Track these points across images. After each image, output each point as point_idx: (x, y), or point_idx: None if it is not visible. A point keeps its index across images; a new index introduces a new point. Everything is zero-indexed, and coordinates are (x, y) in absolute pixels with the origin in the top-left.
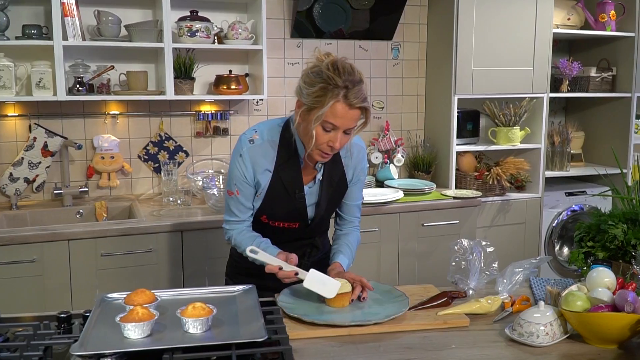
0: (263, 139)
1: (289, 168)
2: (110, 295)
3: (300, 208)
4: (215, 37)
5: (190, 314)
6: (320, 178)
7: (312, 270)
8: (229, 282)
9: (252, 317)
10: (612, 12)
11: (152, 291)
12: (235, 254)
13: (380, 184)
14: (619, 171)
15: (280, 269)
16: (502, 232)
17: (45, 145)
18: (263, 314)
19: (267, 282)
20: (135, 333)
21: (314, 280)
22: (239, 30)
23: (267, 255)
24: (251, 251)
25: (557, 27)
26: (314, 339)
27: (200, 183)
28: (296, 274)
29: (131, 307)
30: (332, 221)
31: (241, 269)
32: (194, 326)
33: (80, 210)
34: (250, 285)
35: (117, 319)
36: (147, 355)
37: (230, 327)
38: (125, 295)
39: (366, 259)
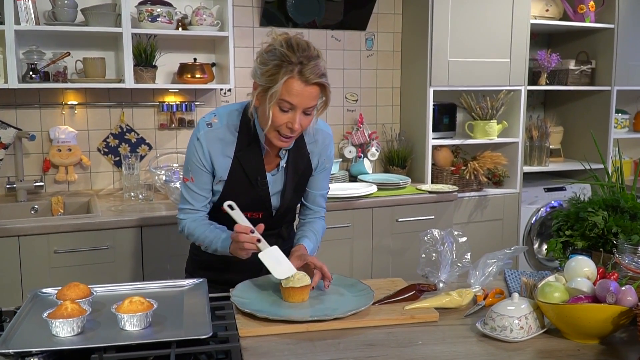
0: (222, 123)
1: (249, 154)
2: (44, 290)
3: (264, 196)
4: (180, 24)
5: (127, 309)
6: (284, 165)
7: (275, 246)
8: (189, 278)
9: (198, 312)
10: (591, 3)
11: (90, 285)
12: (194, 248)
13: (353, 178)
14: (599, 166)
15: (252, 232)
16: (480, 229)
17: None
18: (213, 309)
19: (228, 276)
20: (64, 330)
21: (271, 255)
22: (204, 15)
23: (241, 215)
24: (229, 206)
25: (535, 18)
26: (268, 336)
27: (164, 177)
28: (259, 240)
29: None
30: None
31: (202, 262)
32: (130, 323)
33: (35, 206)
34: (201, 279)
35: (45, 315)
36: (78, 354)
37: (173, 324)
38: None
39: (338, 256)
